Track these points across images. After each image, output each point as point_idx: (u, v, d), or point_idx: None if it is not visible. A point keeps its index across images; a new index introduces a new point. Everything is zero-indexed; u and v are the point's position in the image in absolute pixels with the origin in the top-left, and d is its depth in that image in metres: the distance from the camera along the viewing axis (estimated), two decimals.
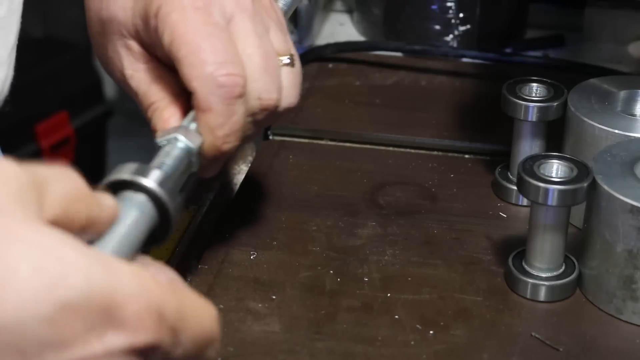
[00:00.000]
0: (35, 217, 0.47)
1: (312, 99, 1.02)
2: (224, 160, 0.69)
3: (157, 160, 0.64)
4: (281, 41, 0.71)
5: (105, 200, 0.52)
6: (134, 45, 0.71)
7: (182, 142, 0.66)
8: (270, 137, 0.96)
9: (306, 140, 0.96)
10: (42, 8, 2.70)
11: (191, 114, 0.68)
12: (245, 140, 0.70)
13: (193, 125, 0.67)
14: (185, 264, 0.79)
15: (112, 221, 0.53)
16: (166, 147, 0.66)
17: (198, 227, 0.83)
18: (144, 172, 0.59)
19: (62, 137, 2.13)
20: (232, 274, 0.78)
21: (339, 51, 1.09)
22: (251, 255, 0.80)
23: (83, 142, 2.19)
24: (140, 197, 0.58)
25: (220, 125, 0.66)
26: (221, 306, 0.74)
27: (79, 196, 0.50)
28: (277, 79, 0.69)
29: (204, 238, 0.82)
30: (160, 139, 0.66)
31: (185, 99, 0.69)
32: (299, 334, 0.72)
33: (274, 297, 0.76)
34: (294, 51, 0.72)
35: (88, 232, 0.51)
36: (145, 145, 0.59)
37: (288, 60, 0.71)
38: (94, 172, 2.28)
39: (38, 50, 2.19)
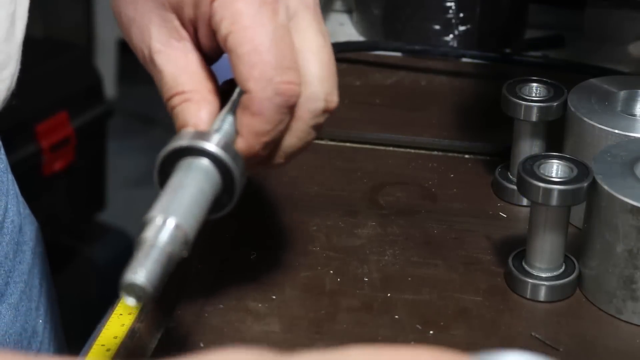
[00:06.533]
0: None
1: None
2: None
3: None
4: None
5: None
6: (172, 18, 0.64)
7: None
8: None
9: None
10: (42, 8, 2.70)
11: (222, 113, 0.63)
12: (301, 150, 0.66)
13: (226, 125, 0.62)
14: (185, 264, 0.79)
15: None
16: None
17: None
18: (204, 137, 0.57)
19: (62, 137, 2.13)
20: (232, 274, 0.78)
21: (338, 51, 1.08)
22: (251, 255, 0.80)
23: (83, 142, 2.19)
24: (203, 162, 0.56)
25: (266, 132, 0.62)
26: (221, 306, 0.74)
27: None
28: (337, 80, 0.65)
29: (204, 238, 0.82)
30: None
31: (217, 95, 0.64)
32: (299, 334, 0.72)
33: (274, 297, 0.76)
34: None
35: None
36: (145, 145, 0.58)
37: None
38: (94, 172, 2.29)
39: (38, 50, 2.19)
